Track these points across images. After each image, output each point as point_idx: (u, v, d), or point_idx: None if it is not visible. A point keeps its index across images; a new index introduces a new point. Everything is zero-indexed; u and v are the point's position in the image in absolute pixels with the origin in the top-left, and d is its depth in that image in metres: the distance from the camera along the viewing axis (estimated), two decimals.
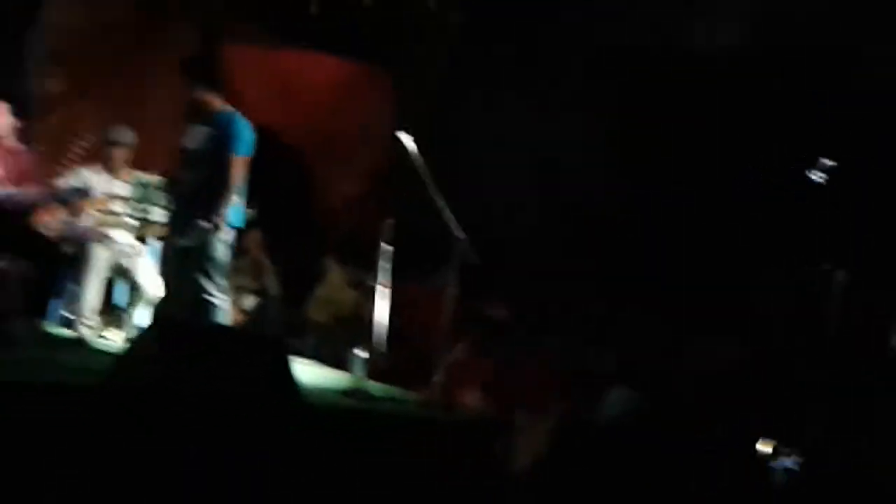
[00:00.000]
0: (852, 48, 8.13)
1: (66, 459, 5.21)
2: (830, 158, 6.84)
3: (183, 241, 7.14)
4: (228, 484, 5.34)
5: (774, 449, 6.61)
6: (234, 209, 7.19)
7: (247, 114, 7.45)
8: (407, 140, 7.15)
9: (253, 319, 8.94)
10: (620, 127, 9.27)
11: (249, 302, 9.11)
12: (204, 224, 7.04)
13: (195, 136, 7.31)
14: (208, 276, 7.19)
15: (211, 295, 7.19)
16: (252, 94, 9.69)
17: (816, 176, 6.91)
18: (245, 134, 7.22)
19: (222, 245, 7.21)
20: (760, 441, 6.60)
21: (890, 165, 8.09)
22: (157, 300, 7.81)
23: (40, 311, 8.23)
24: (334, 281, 9.78)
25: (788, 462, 6.55)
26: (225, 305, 7.30)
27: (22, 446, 5.17)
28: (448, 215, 7.14)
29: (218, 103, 7.35)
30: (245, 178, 7.21)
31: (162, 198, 7.80)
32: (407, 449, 6.39)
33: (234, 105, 7.46)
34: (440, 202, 7.12)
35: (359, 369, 7.15)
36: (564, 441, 6.95)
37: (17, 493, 5.06)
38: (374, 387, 7.20)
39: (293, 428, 5.70)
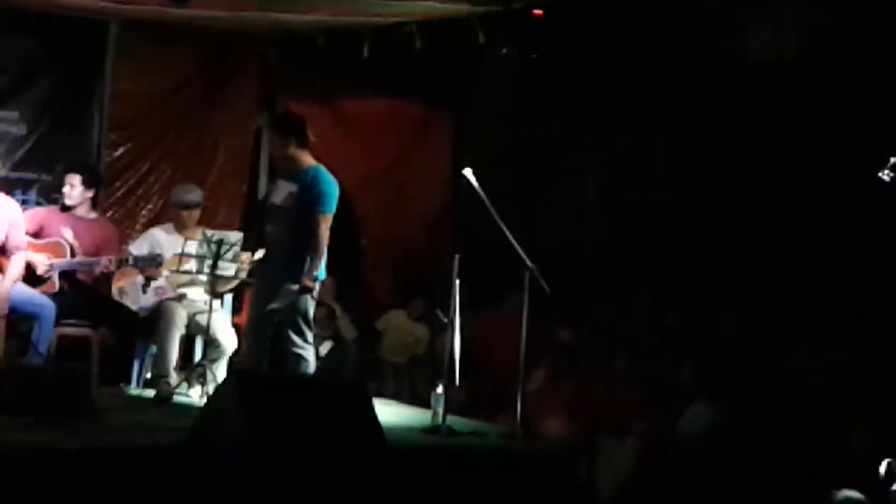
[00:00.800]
0: None
1: None
2: None
3: (275, 303, 7.16)
4: None
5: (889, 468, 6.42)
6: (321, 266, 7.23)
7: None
8: (471, 176, 7.21)
9: (330, 365, 9.00)
10: (688, 148, 9.21)
11: (325, 348, 9.18)
12: (294, 286, 7.08)
13: (282, 192, 7.32)
14: (297, 330, 7.21)
15: (299, 347, 7.23)
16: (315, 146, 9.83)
17: None
18: (333, 190, 7.20)
19: (311, 299, 7.25)
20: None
21: None
22: (237, 354, 7.90)
23: (122, 375, 8.35)
24: (398, 321, 9.84)
25: None
26: (311, 356, 7.34)
27: None
28: (516, 246, 7.16)
29: (307, 159, 7.35)
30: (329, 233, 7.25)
31: (234, 253, 7.88)
32: (493, 481, 6.39)
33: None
34: (508, 233, 7.14)
35: (438, 405, 7.17)
36: (649, 461, 6.94)
37: None
38: (456, 422, 7.21)
39: (379, 470, 5.73)
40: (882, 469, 6.21)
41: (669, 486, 6.87)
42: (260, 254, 7.57)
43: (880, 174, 6.66)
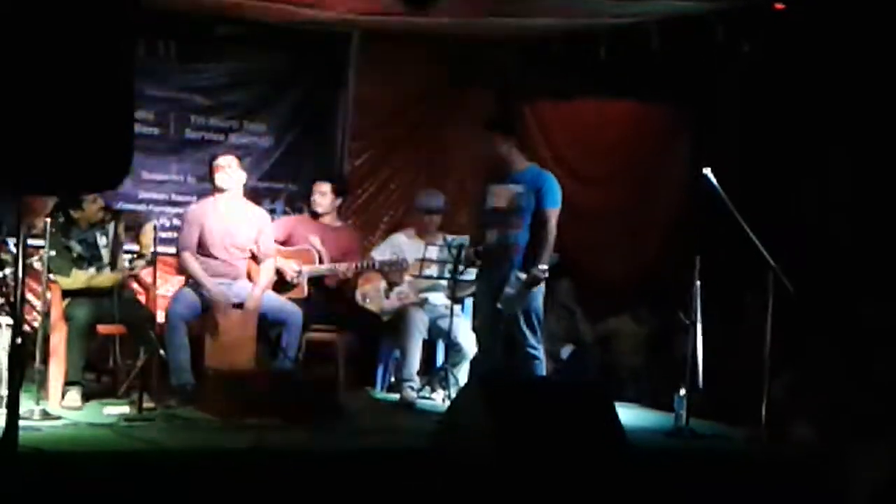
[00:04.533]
0: None
1: None
2: None
3: (506, 293, 7.22)
4: None
5: None
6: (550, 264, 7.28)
7: (553, 167, 7.57)
8: (710, 175, 7.11)
9: (570, 368, 8.98)
10: None
11: (566, 351, 9.16)
12: (523, 276, 7.14)
13: (503, 196, 7.39)
14: (530, 328, 7.27)
15: (532, 347, 7.27)
16: (555, 148, 9.84)
17: None
18: (555, 187, 7.34)
19: (540, 297, 7.30)
20: None
21: None
22: (476, 357, 7.98)
23: (366, 379, 8.53)
24: (633, 324, 9.75)
25: None
26: (542, 355, 7.37)
27: None
28: (759, 245, 7.03)
29: (524, 160, 7.44)
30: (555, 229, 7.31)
31: (471, 257, 7.96)
32: (740, 486, 6.26)
33: (538, 160, 7.58)
34: (750, 233, 7.01)
35: (681, 408, 7.08)
36: None
37: None
38: (698, 425, 7.11)
39: (623, 474, 5.69)
40: None
41: None
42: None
43: None
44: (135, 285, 7.65)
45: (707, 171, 7.13)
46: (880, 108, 8.45)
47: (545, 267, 7.21)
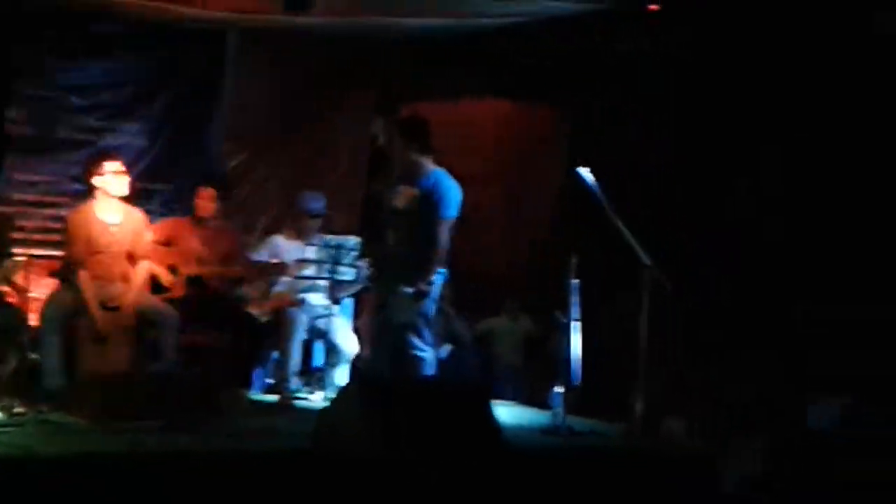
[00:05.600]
0: None
1: None
2: None
3: (394, 309, 7.19)
4: None
5: None
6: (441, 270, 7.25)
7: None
8: (586, 174, 7.17)
9: (449, 368, 9.02)
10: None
11: (445, 350, 9.21)
12: (410, 290, 7.10)
13: (403, 197, 7.32)
14: (417, 332, 7.23)
15: (418, 348, 7.25)
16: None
17: None
18: (455, 196, 7.16)
19: (430, 301, 7.27)
20: None
21: None
22: (357, 358, 7.96)
23: (245, 381, 8.47)
24: (510, 322, 9.85)
25: None
26: (430, 358, 7.36)
27: None
28: (634, 244, 7.11)
29: (429, 164, 7.35)
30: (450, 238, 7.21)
31: (353, 258, 7.96)
32: (618, 481, 6.35)
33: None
34: (625, 231, 7.10)
35: (557, 405, 7.15)
36: (778, 459, 6.83)
37: None
38: (575, 422, 7.18)
39: (501, 472, 5.72)
40: None
41: (800, 483, 6.76)
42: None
43: None
44: (5, 288, 7.50)
45: (582, 169, 7.17)
46: (755, 105, 8.65)
47: (431, 279, 7.15)
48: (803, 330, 8.28)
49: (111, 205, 7.67)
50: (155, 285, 7.98)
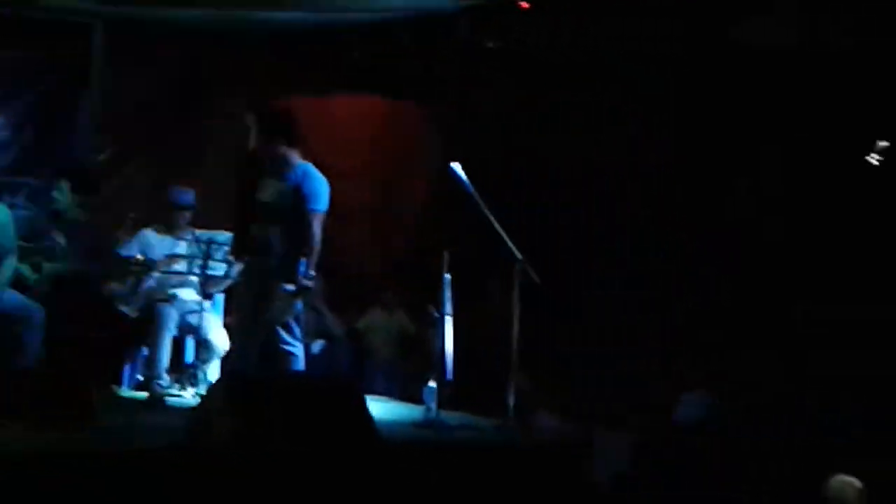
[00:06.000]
0: None
1: None
2: None
3: (273, 305, 7.13)
4: None
5: None
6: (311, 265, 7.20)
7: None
8: (459, 170, 7.20)
9: (322, 363, 9.01)
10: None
11: (318, 346, 9.19)
12: (291, 287, 7.05)
13: (272, 191, 7.28)
14: (287, 328, 7.19)
15: (289, 344, 7.22)
16: (304, 144, 9.81)
17: None
18: (323, 189, 7.15)
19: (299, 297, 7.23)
20: None
21: None
22: (228, 354, 7.90)
23: (114, 377, 8.34)
24: (378, 318, 9.86)
25: None
26: (300, 353, 7.33)
27: None
28: (506, 238, 7.16)
29: (296, 157, 7.31)
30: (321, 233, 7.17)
31: (224, 253, 7.89)
32: (489, 475, 6.38)
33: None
34: (497, 226, 7.14)
35: (431, 400, 7.17)
36: (645, 453, 6.94)
37: None
38: (448, 416, 7.21)
39: (373, 467, 5.73)
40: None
41: (666, 476, 6.88)
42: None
43: (868, 157, 6.66)
44: None
45: (455, 165, 7.21)
46: (626, 101, 8.78)
47: (313, 273, 7.12)
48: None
49: None
50: (20, 282, 7.82)
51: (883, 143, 6.79)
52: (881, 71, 7.97)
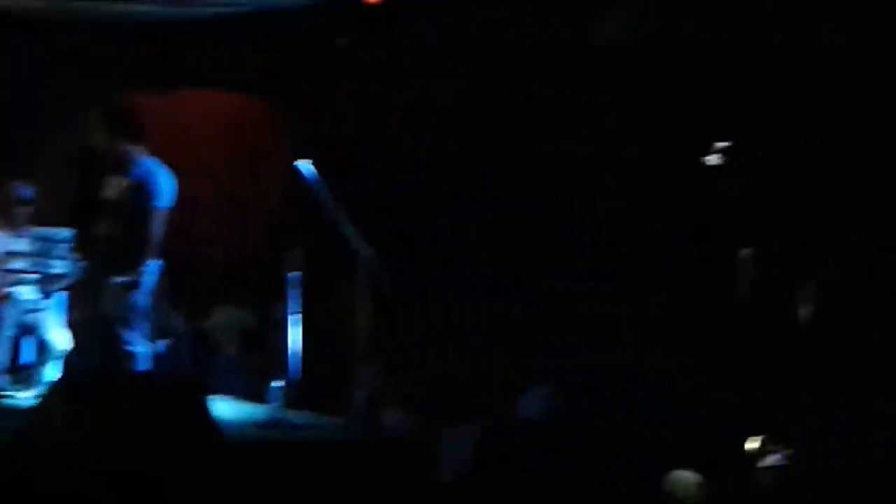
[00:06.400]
0: None
1: None
2: None
3: (106, 300, 7.04)
4: None
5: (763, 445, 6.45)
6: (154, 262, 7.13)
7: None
8: (306, 167, 7.19)
9: (165, 362, 8.88)
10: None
11: (161, 345, 9.05)
12: (125, 280, 6.96)
13: (115, 187, 7.18)
14: (128, 327, 7.10)
15: (129, 343, 7.13)
16: (150, 138, 9.67)
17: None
18: (167, 185, 7.13)
19: (141, 294, 7.13)
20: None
21: None
22: (68, 354, 7.76)
23: None
24: (231, 316, 9.80)
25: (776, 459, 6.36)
26: (144, 352, 7.24)
27: None
28: (354, 234, 7.16)
29: (139, 153, 7.22)
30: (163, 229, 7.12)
31: (65, 250, 7.76)
32: (335, 474, 6.36)
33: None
34: (345, 223, 7.13)
35: (276, 399, 7.14)
36: (489, 450, 6.97)
37: None
38: (294, 415, 7.18)
39: (215, 467, 5.67)
40: (750, 445, 6.27)
41: (510, 472, 6.92)
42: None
43: (705, 159, 6.77)
44: None
45: (302, 163, 7.18)
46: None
47: (142, 268, 7.04)
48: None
49: None
50: None
51: (722, 144, 6.90)
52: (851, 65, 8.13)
